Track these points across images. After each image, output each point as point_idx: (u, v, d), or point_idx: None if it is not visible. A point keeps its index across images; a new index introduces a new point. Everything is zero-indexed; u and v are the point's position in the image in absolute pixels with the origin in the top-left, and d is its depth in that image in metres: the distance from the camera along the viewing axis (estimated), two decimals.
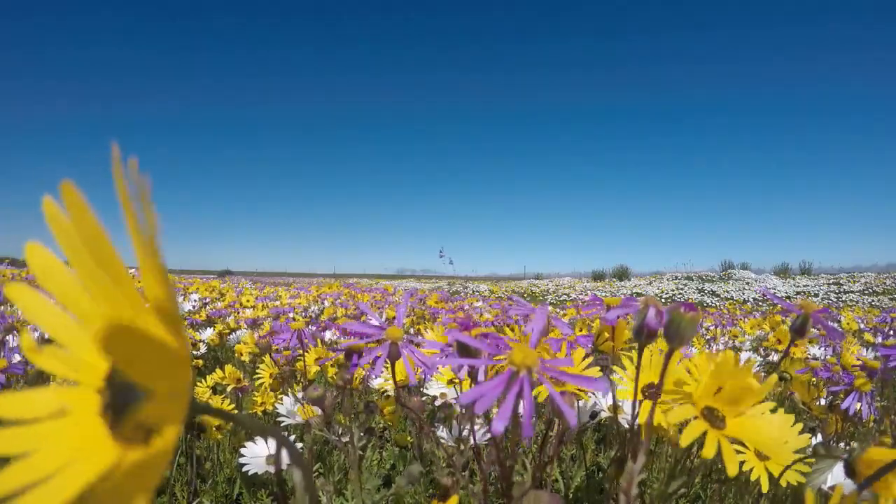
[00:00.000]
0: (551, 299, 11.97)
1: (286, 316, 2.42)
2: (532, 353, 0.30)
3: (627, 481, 0.37)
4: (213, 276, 13.23)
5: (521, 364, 0.29)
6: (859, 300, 10.55)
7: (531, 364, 0.29)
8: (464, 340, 0.36)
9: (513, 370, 0.29)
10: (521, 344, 0.31)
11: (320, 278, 20.86)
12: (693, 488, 0.96)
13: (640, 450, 0.38)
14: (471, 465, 0.73)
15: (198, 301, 3.10)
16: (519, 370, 0.29)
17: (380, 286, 8.86)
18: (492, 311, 3.11)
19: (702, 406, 0.37)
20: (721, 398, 0.37)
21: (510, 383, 0.29)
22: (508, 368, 0.30)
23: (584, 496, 0.97)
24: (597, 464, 1.17)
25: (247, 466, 0.83)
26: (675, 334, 0.38)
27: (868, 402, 0.86)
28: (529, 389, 0.29)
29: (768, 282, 12.94)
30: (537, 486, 0.61)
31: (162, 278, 0.16)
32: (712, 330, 3.18)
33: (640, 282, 14.64)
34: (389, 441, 1.24)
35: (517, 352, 0.30)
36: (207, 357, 1.95)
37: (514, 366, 0.29)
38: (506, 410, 0.27)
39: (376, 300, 4.43)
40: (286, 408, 0.99)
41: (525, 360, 0.29)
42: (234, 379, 1.30)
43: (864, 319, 3.28)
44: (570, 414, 0.29)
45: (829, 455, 0.39)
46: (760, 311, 7.17)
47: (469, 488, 0.49)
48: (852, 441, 0.91)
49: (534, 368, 0.30)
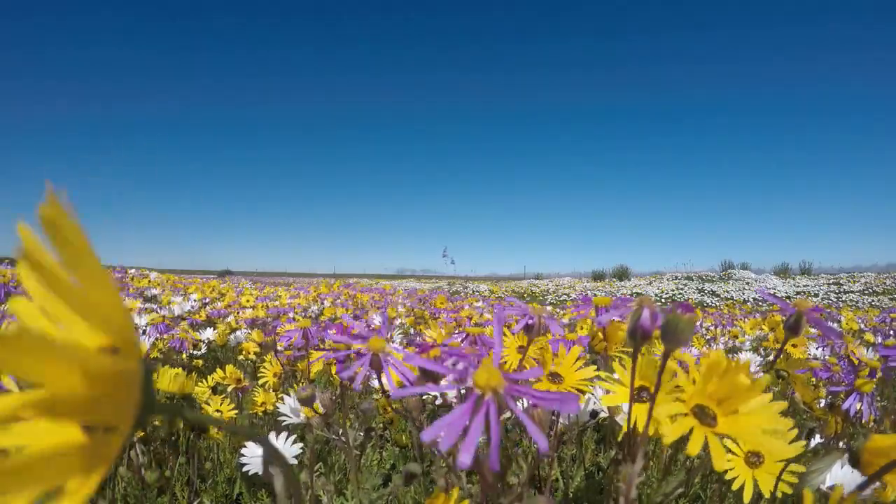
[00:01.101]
0: (551, 299, 11.96)
1: (286, 316, 2.42)
2: (496, 372, 0.28)
3: (626, 484, 0.37)
4: (213, 276, 13.23)
5: (485, 386, 0.27)
6: (859, 300, 10.55)
7: (496, 385, 0.27)
8: (424, 366, 0.33)
9: (477, 394, 0.27)
10: (486, 362, 0.29)
11: (320, 278, 20.85)
12: (693, 488, 0.96)
13: (637, 452, 0.38)
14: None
15: (198, 301, 3.10)
16: (484, 393, 0.27)
17: (380, 286, 8.86)
18: (492, 312, 3.11)
19: (693, 404, 0.37)
20: (713, 396, 0.37)
21: (476, 409, 0.27)
22: (472, 393, 0.27)
23: (584, 496, 0.97)
24: (597, 464, 1.17)
25: (247, 466, 0.84)
26: (673, 336, 0.37)
27: (869, 403, 0.86)
28: (496, 415, 0.27)
29: (768, 282, 12.94)
30: (536, 485, 0.61)
31: (110, 298, 0.18)
32: (712, 330, 3.18)
33: (640, 282, 14.64)
34: (389, 441, 1.24)
35: (481, 373, 0.28)
36: (207, 357, 1.95)
37: (479, 388, 0.27)
38: (471, 441, 0.25)
39: (376, 300, 4.43)
40: (288, 407, 0.99)
41: (489, 381, 0.27)
42: (234, 379, 1.30)
43: (864, 319, 3.28)
44: (540, 439, 0.26)
45: (828, 452, 0.39)
46: (760, 311, 7.17)
47: (466, 489, 0.49)
48: (852, 441, 0.91)
49: (500, 389, 0.27)
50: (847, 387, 0.87)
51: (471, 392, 0.28)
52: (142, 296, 3.13)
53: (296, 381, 1.22)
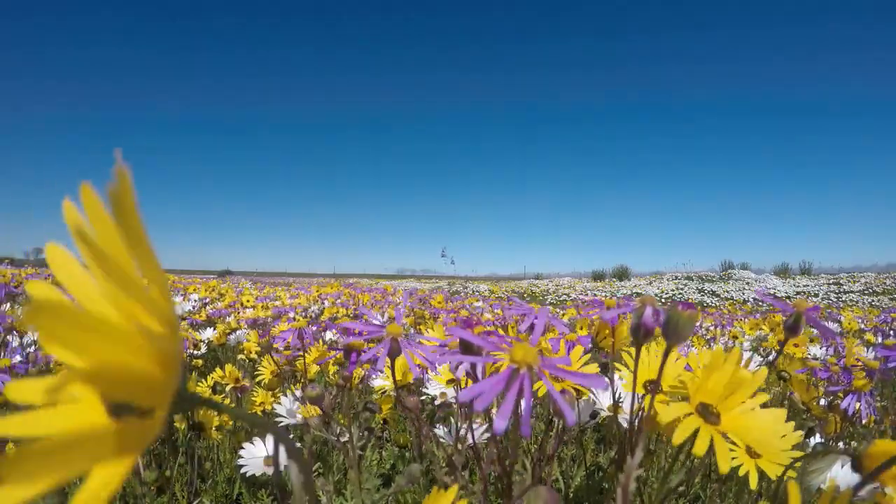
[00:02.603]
0: (551, 299, 11.96)
1: (286, 316, 2.42)
2: (532, 350, 0.30)
3: (625, 477, 0.37)
4: (213, 276, 13.24)
5: (521, 361, 0.29)
6: (859, 300, 10.55)
7: (532, 362, 0.29)
8: (466, 338, 0.36)
9: (513, 367, 0.29)
10: (522, 342, 0.31)
11: (320, 278, 20.86)
12: (693, 488, 0.96)
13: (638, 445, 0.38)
14: (470, 464, 0.73)
15: (198, 301, 3.10)
16: (520, 367, 0.29)
17: (380, 286, 8.86)
18: (492, 312, 3.11)
19: (697, 402, 0.37)
20: (715, 393, 0.37)
21: (511, 381, 0.28)
22: (509, 366, 0.29)
23: (585, 496, 0.97)
24: (597, 464, 1.17)
25: (245, 468, 0.83)
26: (673, 332, 0.38)
27: (868, 403, 0.86)
28: (530, 387, 0.29)
29: (768, 282, 12.94)
30: (537, 484, 0.61)
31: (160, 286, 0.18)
32: (712, 330, 3.18)
33: (640, 282, 14.64)
34: (389, 441, 1.24)
35: (518, 349, 0.29)
36: (207, 357, 1.95)
37: (515, 363, 0.29)
38: (507, 408, 0.27)
39: (376, 300, 4.43)
40: (285, 407, 0.99)
41: (526, 357, 0.29)
42: (233, 378, 1.30)
43: (865, 319, 3.28)
44: (568, 412, 0.28)
45: (828, 452, 0.39)
46: (760, 311, 7.17)
47: (468, 487, 0.49)
48: (851, 441, 0.92)
49: (534, 366, 0.29)
50: (845, 386, 0.87)
51: (506, 368, 0.29)
52: None
53: (295, 381, 1.22)
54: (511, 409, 0.27)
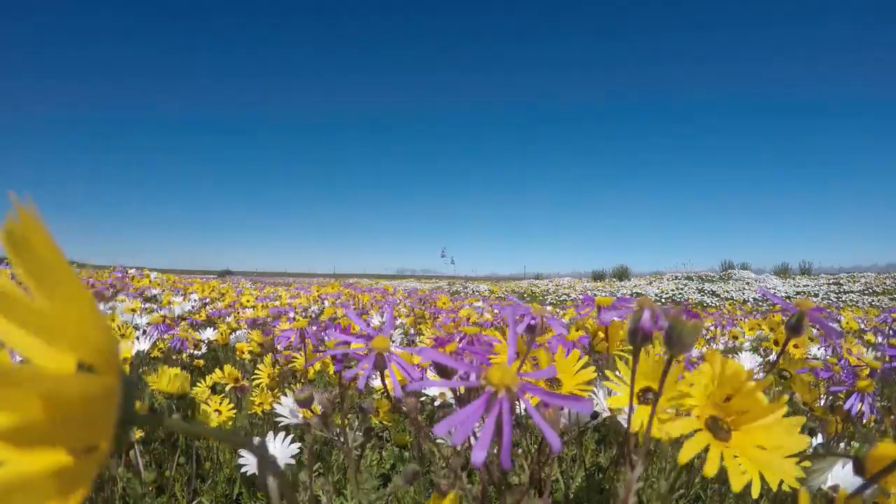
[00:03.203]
0: (551, 299, 11.96)
1: (286, 316, 2.42)
2: (510, 371, 0.27)
3: (625, 491, 0.36)
4: (213, 276, 13.23)
5: (499, 384, 0.27)
6: (859, 300, 10.54)
7: (510, 383, 0.27)
8: (438, 360, 0.33)
9: (491, 391, 0.27)
10: (500, 360, 0.29)
11: (320, 278, 20.86)
12: (693, 488, 0.95)
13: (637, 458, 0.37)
14: (470, 465, 0.73)
15: (198, 301, 3.10)
16: (497, 391, 0.27)
17: (380, 286, 8.86)
18: (492, 312, 3.11)
19: (706, 416, 0.36)
20: (728, 408, 0.35)
21: (489, 406, 0.27)
22: (486, 390, 0.27)
23: (585, 496, 0.97)
24: (597, 464, 1.17)
25: (245, 467, 0.83)
26: (677, 342, 0.37)
27: (870, 403, 0.86)
28: (510, 412, 0.27)
29: (768, 282, 12.93)
30: (536, 486, 0.61)
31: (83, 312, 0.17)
32: (712, 330, 3.18)
33: (640, 282, 14.64)
34: (389, 441, 1.23)
35: (494, 371, 0.27)
36: (208, 357, 1.95)
37: (492, 386, 0.27)
38: (485, 439, 0.25)
39: (376, 300, 4.43)
40: (287, 407, 0.98)
41: (504, 379, 0.27)
42: (232, 378, 1.30)
43: (865, 319, 3.28)
44: (555, 441, 0.26)
45: (829, 454, 0.38)
46: (760, 311, 7.17)
47: (467, 489, 0.49)
48: (853, 441, 0.91)
49: (514, 387, 0.27)
50: (848, 387, 0.87)
51: (483, 390, 0.27)
52: (142, 296, 3.13)
53: (295, 381, 1.22)
54: (489, 438, 0.25)
